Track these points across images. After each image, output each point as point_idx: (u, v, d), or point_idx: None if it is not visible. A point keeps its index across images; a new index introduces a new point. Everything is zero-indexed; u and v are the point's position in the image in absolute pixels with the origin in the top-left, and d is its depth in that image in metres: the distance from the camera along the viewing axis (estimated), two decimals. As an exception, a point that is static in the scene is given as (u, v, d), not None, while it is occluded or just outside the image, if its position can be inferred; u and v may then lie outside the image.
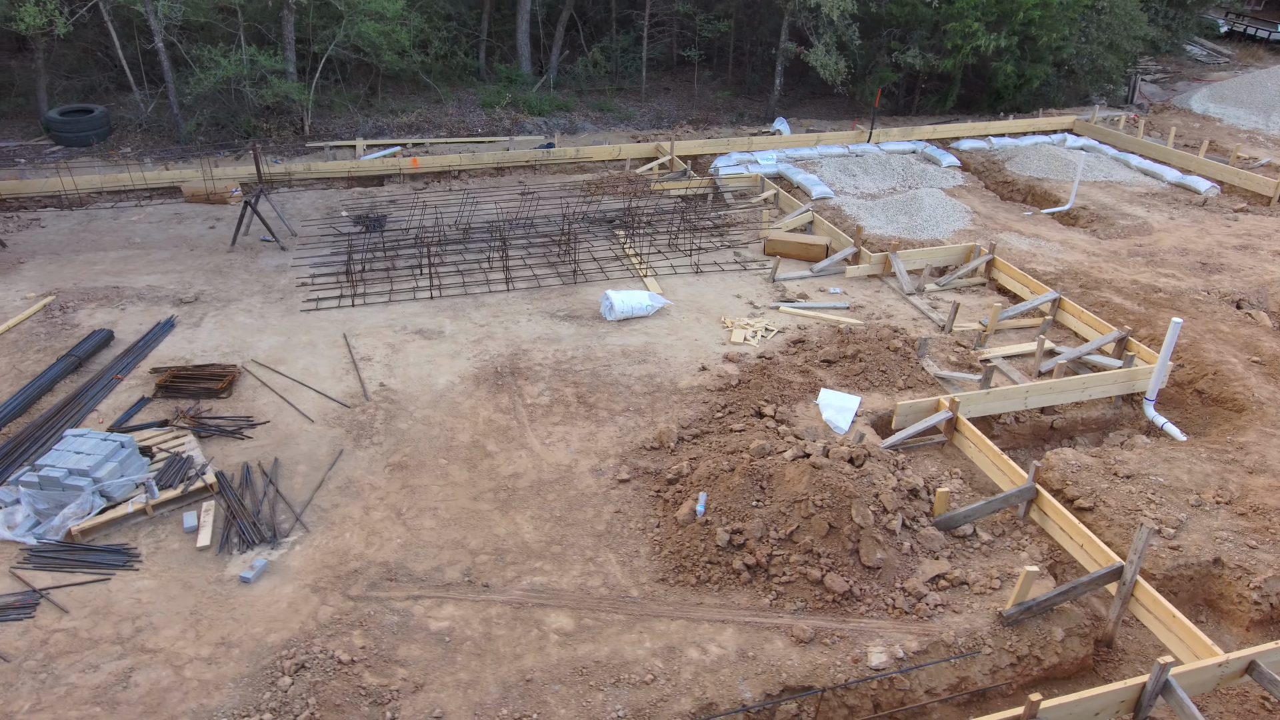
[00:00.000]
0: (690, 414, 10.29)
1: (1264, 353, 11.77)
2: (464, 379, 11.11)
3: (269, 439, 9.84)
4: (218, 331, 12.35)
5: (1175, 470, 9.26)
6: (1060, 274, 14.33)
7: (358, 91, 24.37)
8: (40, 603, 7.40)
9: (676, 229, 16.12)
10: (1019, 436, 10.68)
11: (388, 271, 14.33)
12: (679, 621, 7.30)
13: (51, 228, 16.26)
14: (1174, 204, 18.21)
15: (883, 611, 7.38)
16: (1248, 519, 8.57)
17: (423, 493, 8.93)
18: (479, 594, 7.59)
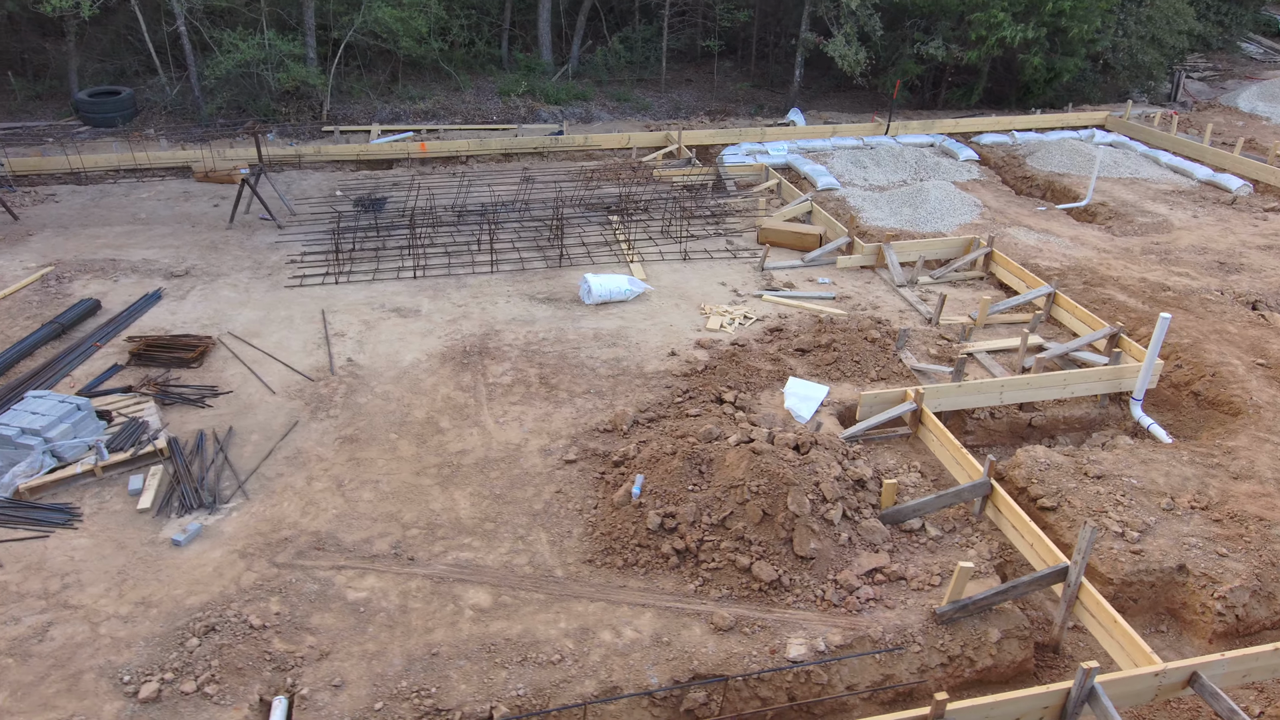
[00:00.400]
0: (651, 398, 10.08)
1: (1271, 355, 11.10)
2: (431, 357, 11.07)
3: (229, 408, 9.92)
4: (201, 304, 12.54)
5: (1152, 472, 8.75)
6: (1065, 270, 13.74)
7: (378, 78, 24.61)
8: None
9: (669, 216, 15.89)
10: (995, 433, 10.23)
11: (376, 251, 14.41)
12: (599, 603, 7.12)
13: (65, 203, 16.72)
14: (1200, 202, 17.36)
15: (810, 603, 7.10)
16: (1222, 526, 8.05)
17: (368, 466, 8.90)
18: (403, 567, 7.51)
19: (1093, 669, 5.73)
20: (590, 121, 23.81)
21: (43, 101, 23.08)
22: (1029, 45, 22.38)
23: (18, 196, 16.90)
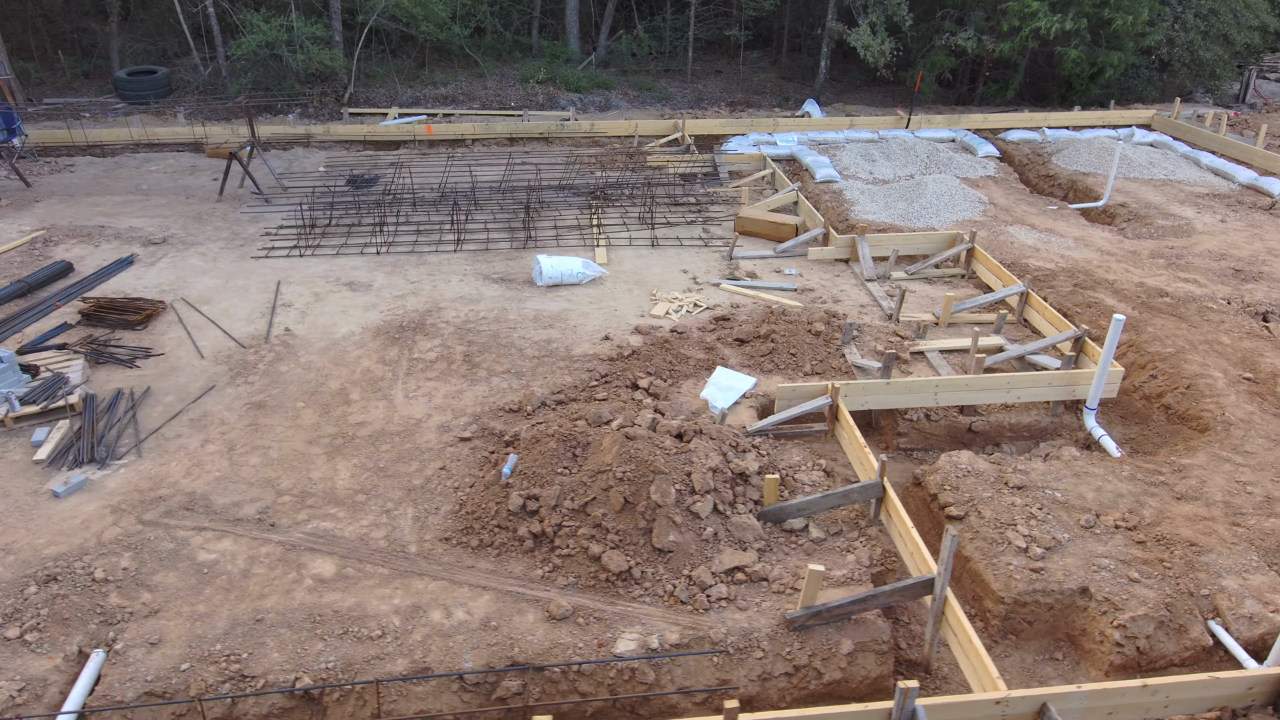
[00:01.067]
0: (568, 381, 9.79)
1: (1261, 370, 10.05)
2: (366, 330, 11.03)
3: (156, 370, 10.08)
4: (167, 271, 12.83)
5: (1081, 487, 7.98)
6: (1058, 271, 12.80)
7: (404, 63, 24.96)
8: (-126, 495, 7.82)
9: (646, 202, 15.52)
10: (932, 437, 9.54)
11: (349, 227, 14.51)
12: (440, 582, 6.89)
13: (79, 174, 17.45)
14: (1235, 206, 15.98)
15: (657, 598, 6.70)
16: (1144, 549, 7.26)
17: (265, 432, 8.88)
18: (261, 533, 7.43)
19: (911, 689, 5.18)
20: (608, 110, 23.61)
21: (89, 79, 24.22)
22: (1068, 37, 21.08)
23: (38, 166, 17.73)
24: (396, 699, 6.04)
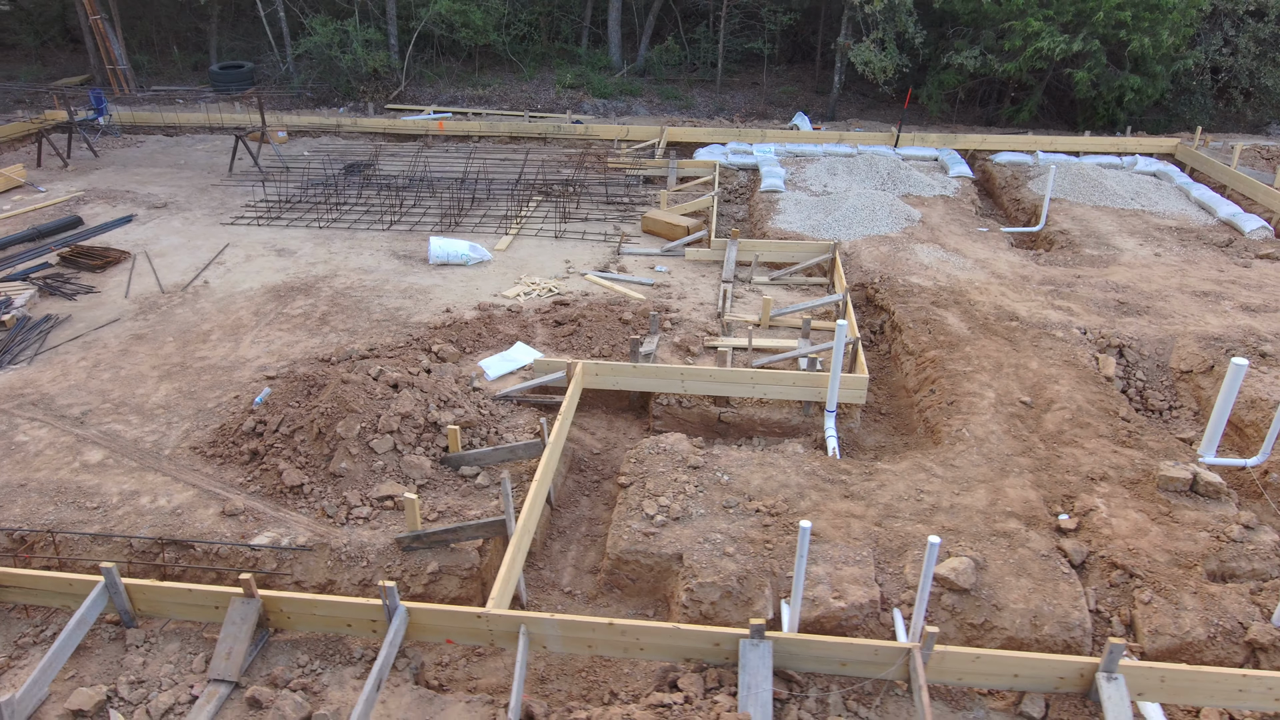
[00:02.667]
0: (387, 341, 11.20)
1: (1042, 397, 9.91)
2: (264, 288, 12.95)
3: (86, 304, 12.43)
4: (150, 229, 15.41)
5: (756, 475, 8.48)
6: (930, 289, 12.84)
7: (454, 65, 27.32)
8: None
9: (575, 198, 16.70)
10: (685, 423, 10.17)
11: (315, 204, 16.64)
12: (166, 478, 8.50)
13: (142, 149, 20.79)
14: (1191, 241, 15.05)
15: (313, 511, 7.98)
16: (763, 531, 7.73)
17: (129, 357, 10.90)
18: (70, 427, 9.36)
19: (390, 588, 6.18)
20: (627, 115, 24.84)
21: (196, 71, 28.26)
22: (1080, 59, 20.22)
23: (116, 141, 21.27)
24: (82, 553, 7.69)
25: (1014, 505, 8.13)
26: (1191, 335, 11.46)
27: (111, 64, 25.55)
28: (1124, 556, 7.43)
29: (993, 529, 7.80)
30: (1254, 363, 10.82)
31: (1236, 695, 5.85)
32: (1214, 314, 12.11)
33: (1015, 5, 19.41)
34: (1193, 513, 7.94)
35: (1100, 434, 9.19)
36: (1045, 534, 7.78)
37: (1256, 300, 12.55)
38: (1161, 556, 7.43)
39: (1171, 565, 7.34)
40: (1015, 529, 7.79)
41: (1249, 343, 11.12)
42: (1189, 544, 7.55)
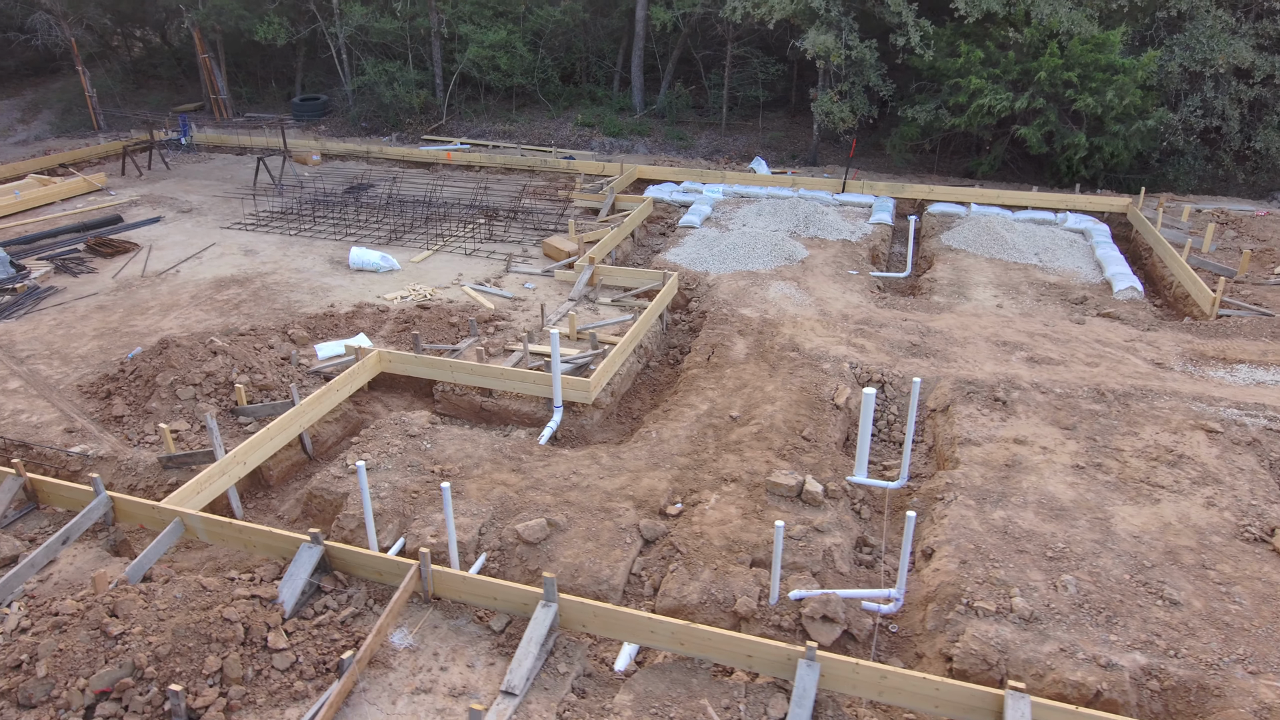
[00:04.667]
0: (269, 324, 13.98)
1: (751, 415, 11.18)
2: (214, 279, 16.17)
3: (83, 281, 16.09)
4: (168, 228, 19.24)
5: (453, 447, 10.41)
6: (752, 319, 14.23)
7: (490, 102, 30.66)
8: (-103, 313, 14.46)
9: (504, 223, 19.16)
10: (459, 408, 12.20)
11: (301, 216, 20.01)
12: (46, 403, 11.51)
13: (207, 165, 25.24)
14: (1049, 296, 15.44)
15: (122, 434, 10.70)
16: (427, 486, 9.68)
17: (86, 321, 14.25)
18: (11, 363, 12.67)
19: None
20: (629, 153, 27.13)
21: (289, 101, 33.25)
22: (1030, 116, 20.56)
23: (192, 157, 25.92)
24: (-34, 447, 10.78)
25: (639, 491, 9.65)
26: (954, 378, 12.28)
27: (215, 94, 30.78)
28: (687, 539, 8.83)
29: (602, 506, 9.38)
30: (990, 407, 11.56)
31: (649, 636, 7.26)
32: (995, 362, 12.79)
33: (957, 64, 20.12)
34: (780, 513, 9.17)
35: (770, 448, 10.44)
36: (643, 514, 9.28)
37: (1053, 354, 13.06)
38: (720, 542, 8.77)
39: (723, 550, 8.67)
40: (621, 508, 9.33)
41: (998, 390, 11.83)
42: (753, 536, 8.83)
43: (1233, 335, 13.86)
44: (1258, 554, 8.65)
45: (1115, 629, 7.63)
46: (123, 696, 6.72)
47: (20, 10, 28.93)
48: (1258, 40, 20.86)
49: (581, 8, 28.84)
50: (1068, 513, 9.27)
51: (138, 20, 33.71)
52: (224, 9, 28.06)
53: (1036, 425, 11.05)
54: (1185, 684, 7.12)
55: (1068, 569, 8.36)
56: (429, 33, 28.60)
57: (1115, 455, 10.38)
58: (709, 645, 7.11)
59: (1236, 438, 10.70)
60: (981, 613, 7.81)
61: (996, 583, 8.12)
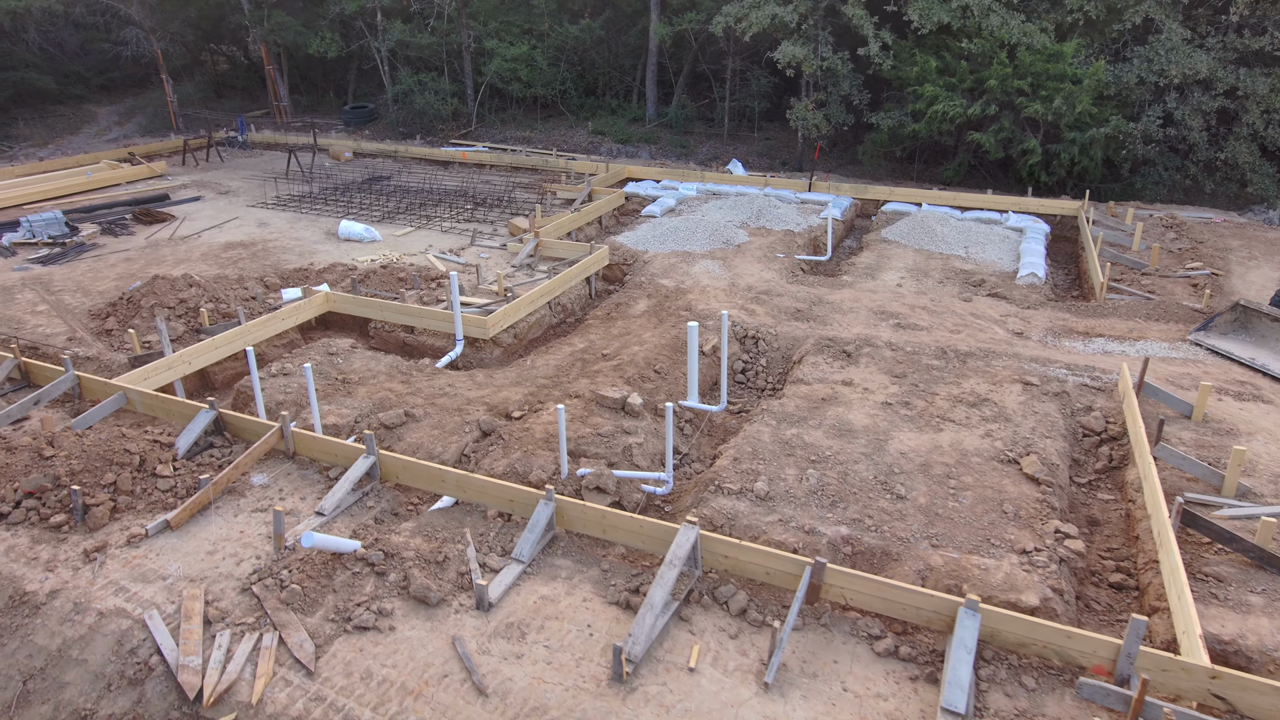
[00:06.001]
0: (255, 274, 16.49)
1: (621, 354, 12.87)
2: (225, 243, 18.95)
3: (121, 241, 19.11)
4: (204, 205, 22.32)
5: (359, 363, 12.51)
6: (668, 287, 15.92)
7: (516, 112, 33.33)
8: (-29, 258, 17.70)
9: (487, 208, 21.40)
10: (388, 343, 14.31)
11: (316, 199, 22.80)
12: (60, 321, 14.23)
13: (256, 159, 28.61)
14: (952, 280, 16.54)
15: (108, 342, 13.23)
16: (333, 386, 11.76)
17: (112, 269, 17.12)
18: (45, 294, 15.53)
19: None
20: (632, 158, 29.20)
21: (341, 110, 36.83)
22: (985, 123, 21.58)
23: (246, 153, 29.40)
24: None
25: (495, 400, 11.49)
26: (819, 336, 13.67)
27: (277, 101, 34.55)
28: (515, 432, 10.60)
29: (459, 408, 11.25)
30: (836, 358, 12.90)
31: (440, 485, 9.08)
32: (864, 326, 14.10)
33: (914, 73, 21.39)
34: (602, 420, 10.84)
35: (622, 376, 12.10)
36: (490, 415, 11.09)
37: (922, 323, 14.26)
38: (540, 435, 10.49)
39: (541, 441, 10.39)
40: (473, 410, 11.17)
41: (849, 346, 13.16)
42: (571, 433, 10.53)
43: (1108, 315, 14.73)
44: (1004, 472, 9.81)
45: (835, 510, 9.00)
46: (43, 496, 8.97)
47: (115, 24, 33.39)
48: (1224, 54, 21.34)
49: (599, 26, 31.25)
50: (853, 434, 10.61)
51: (219, 38, 38.06)
52: (285, 25, 31.73)
53: (871, 373, 12.36)
54: (872, 550, 8.44)
55: (821, 469, 9.74)
56: (461, 47, 31.54)
57: (927, 397, 11.61)
58: (483, 492, 8.88)
59: (1048, 390, 11.76)
60: (726, 491, 9.31)
61: (748, 473, 9.59)
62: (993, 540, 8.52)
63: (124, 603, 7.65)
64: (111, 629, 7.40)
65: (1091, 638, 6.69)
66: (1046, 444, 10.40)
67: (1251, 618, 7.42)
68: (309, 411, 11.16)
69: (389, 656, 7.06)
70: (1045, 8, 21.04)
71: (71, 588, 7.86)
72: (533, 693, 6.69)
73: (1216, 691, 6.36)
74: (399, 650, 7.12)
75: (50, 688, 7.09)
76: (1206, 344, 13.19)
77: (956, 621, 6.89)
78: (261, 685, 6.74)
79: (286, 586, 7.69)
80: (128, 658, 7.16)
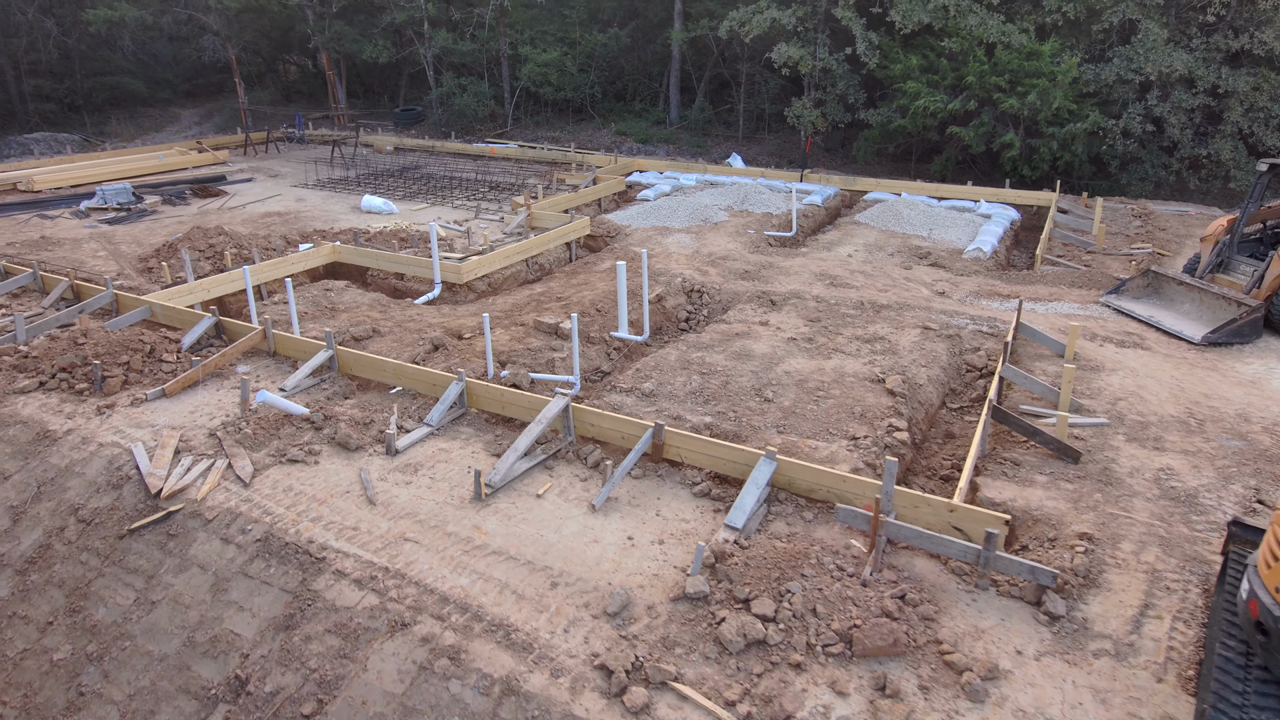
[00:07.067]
0: (281, 233, 18.91)
1: (573, 297, 14.62)
2: (264, 212, 21.53)
3: (177, 209, 21.92)
4: (254, 185, 25.14)
5: (347, 297, 14.59)
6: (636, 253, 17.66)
7: (549, 114, 35.69)
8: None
9: (498, 192, 23.50)
10: (381, 288, 16.41)
11: (352, 181, 25.37)
12: (114, 263, 16.81)
13: (309, 151, 31.59)
14: (901, 254, 17.75)
15: (150, 279, 15.68)
16: (319, 312, 13.86)
17: (165, 228, 19.81)
18: (104, 244, 18.23)
19: (106, 279, 13.49)
20: (650, 156, 31.10)
21: (393, 112, 39.92)
22: (967, 117, 22.66)
23: (302, 147, 32.46)
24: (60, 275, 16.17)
25: (452, 325, 13.37)
26: (759, 291, 15.16)
27: (335, 103, 37.81)
28: (461, 346, 12.43)
29: (420, 330, 13.16)
30: (763, 306, 14.37)
31: (383, 374, 10.97)
32: (800, 283, 15.51)
33: (898, 71, 22.68)
34: (537, 340, 12.59)
35: (568, 312, 13.84)
36: (444, 335, 12.95)
37: (855, 283, 15.58)
38: (481, 349, 12.30)
39: (479, 353, 12.20)
40: (431, 331, 13.06)
41: (775, 297, 14.61)
42: (507, 349, 12.31)
43: (1035, 282, 15.76)
44: (869, 388, 11.15)
45: (706, 406, 10.52)
46: (72, 371, 11.24)
47: (196, 33, 37.26)
48: (1208, 54, 21.97)
49: (626, 35, 33.40)
50: (750, 358, 12.09)
51: (289, 48, 41.78)
52: (343, 35, 34.92)
53: (789, 317, 13.80)
54: (726, 433, 9.93)
55: (706, 379, 11.27)
56: (499, 54, 34.12)
57: (830, 336, 12.98)
58: (414, 378, 10.73)
59: (942, 333, 13.00)
60: (619, 390, 10.93)
61: (643, 378, 11.20)
62: (832, 430, 9.91)
63: (119, 439, 9.75)
64: (106, 454, 9.50)
65: (862, 480, 8.08)
66: (920, 371, 11.68)
67: (1028, 490, 8.66)
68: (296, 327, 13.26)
69: (309, 480, 8.93)
70: (1027, 9, 22.10)
71: (82, 429, 10.02)
72: (410, 505, 8.45)
73: (954, 523, 7.67)
74: (317, 477, 8.99)
75: (56, 490, 9.21)
76: (1114, 305, 14.16)
77: (755, 467, 8.36)
78: (206, 489, 8.69)
79: (242, 432, 9.67)
80: (114, 472, 9.22)
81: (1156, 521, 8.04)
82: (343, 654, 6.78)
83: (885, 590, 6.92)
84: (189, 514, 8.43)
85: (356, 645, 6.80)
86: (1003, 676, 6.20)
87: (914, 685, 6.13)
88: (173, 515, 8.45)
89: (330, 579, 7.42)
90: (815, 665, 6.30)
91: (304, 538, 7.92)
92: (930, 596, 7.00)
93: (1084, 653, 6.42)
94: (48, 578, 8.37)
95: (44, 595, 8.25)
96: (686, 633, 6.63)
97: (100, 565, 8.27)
